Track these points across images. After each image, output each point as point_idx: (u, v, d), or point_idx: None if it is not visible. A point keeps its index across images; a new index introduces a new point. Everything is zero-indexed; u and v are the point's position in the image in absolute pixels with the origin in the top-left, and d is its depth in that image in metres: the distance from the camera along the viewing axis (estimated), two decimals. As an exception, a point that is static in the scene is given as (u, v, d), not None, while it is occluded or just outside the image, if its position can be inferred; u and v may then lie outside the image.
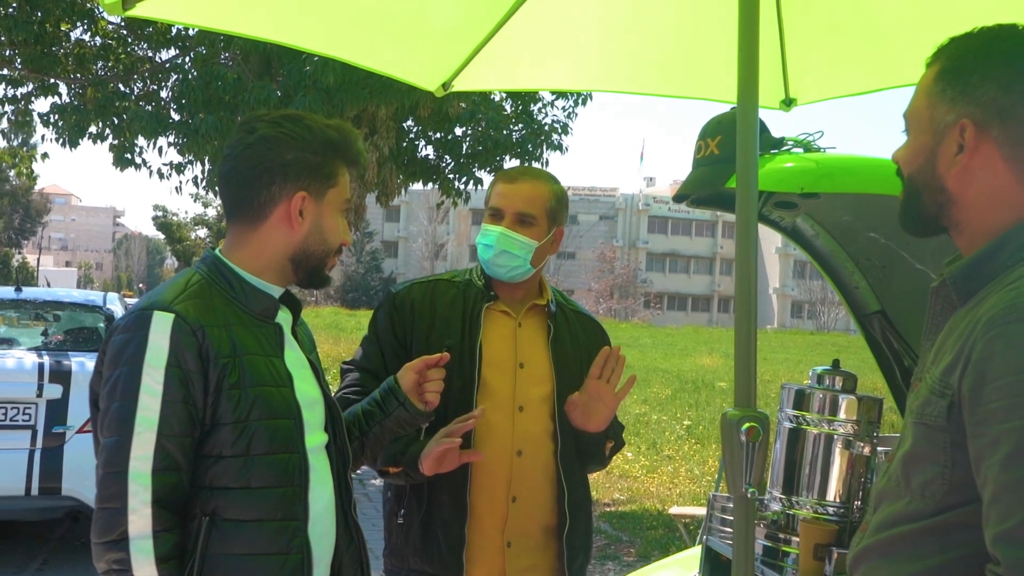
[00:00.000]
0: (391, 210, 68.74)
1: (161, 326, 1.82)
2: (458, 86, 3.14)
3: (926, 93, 1.68)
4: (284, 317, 2.06)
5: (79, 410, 6.06)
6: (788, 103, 3.24)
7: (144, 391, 1.79)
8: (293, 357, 2.03)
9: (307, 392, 2.02)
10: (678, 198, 2.77)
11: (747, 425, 2.05)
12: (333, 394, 2.21)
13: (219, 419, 1.85)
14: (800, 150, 2.72)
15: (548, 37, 3.08)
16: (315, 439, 2.01)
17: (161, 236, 71.11)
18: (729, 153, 2.39)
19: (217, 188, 2.13)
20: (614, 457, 2.82)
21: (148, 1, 2.18)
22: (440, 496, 2.51)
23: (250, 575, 1.85)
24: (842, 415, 2.78)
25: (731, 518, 2.56)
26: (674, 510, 7.47)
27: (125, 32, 10.68)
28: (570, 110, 10.79)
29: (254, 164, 1.97)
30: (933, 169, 1.66)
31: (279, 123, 1.99)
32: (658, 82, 3.31)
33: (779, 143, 2.70)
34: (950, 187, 1.65)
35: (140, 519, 1.75)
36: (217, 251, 2.04)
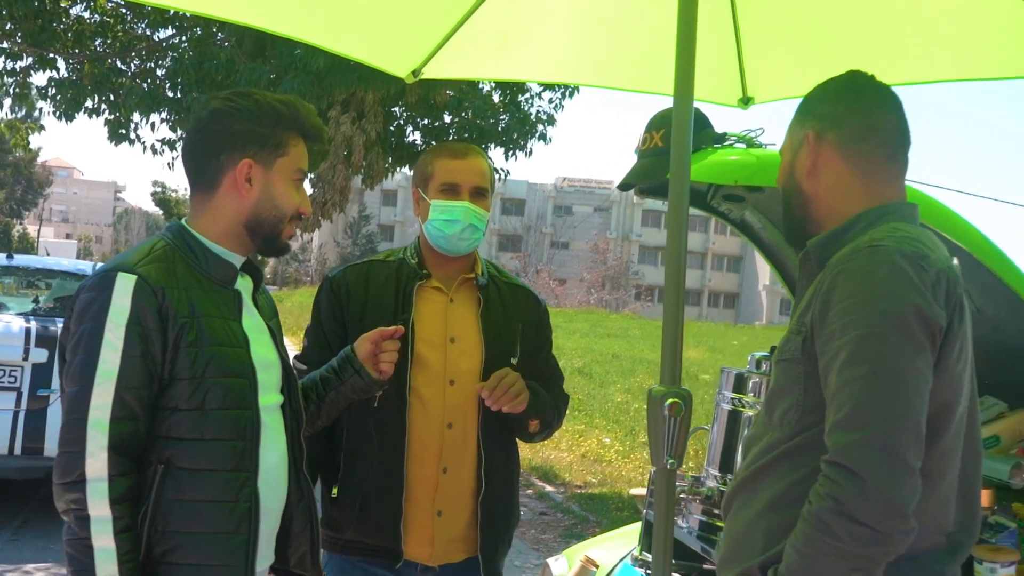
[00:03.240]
0: (388, 195, 68.65)
1: (124, 286, 1.95)
2: (428, 73, 3.22)
3: (788, 129, 2.04)
4: (244, 284, 2.19)
5: (65, 374, 6.17)
6: (746, 101, 3.38)
7: (106, 346, 1.92)
8: (251, 322, 2.16)
9: (263, 355, 2.15)
10: (623, 187, 2.89)
11: (670, 400, 2.16)
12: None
13: (176, 374, 1.98)
14: (743, 145, 2.83)
15: (516, 27, 3.15)
16: (269, 399, 2.14)
17: (160, 212, 70.93)
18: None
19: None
20: (591, 441, 2.88)
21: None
22: (375, 469, 2.59)
23: (201, 520, 1.98)
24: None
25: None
26: (633, 491, 7.61)
27: (124, 10, 10.75)
28: (557, 102, 10.91)
29: (205, 135, 2.13)
30: (794, 178, 2.01)
31: (230, 98, 2.15)
32: (618, 75, 3.40)
33: (721, 138, 2.81)
34: (806, 188, 1.98)
35: (97, 463, 1.88)
36: (183, 220, 2.19)
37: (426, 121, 11.27)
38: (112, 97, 10.51)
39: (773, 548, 1.75)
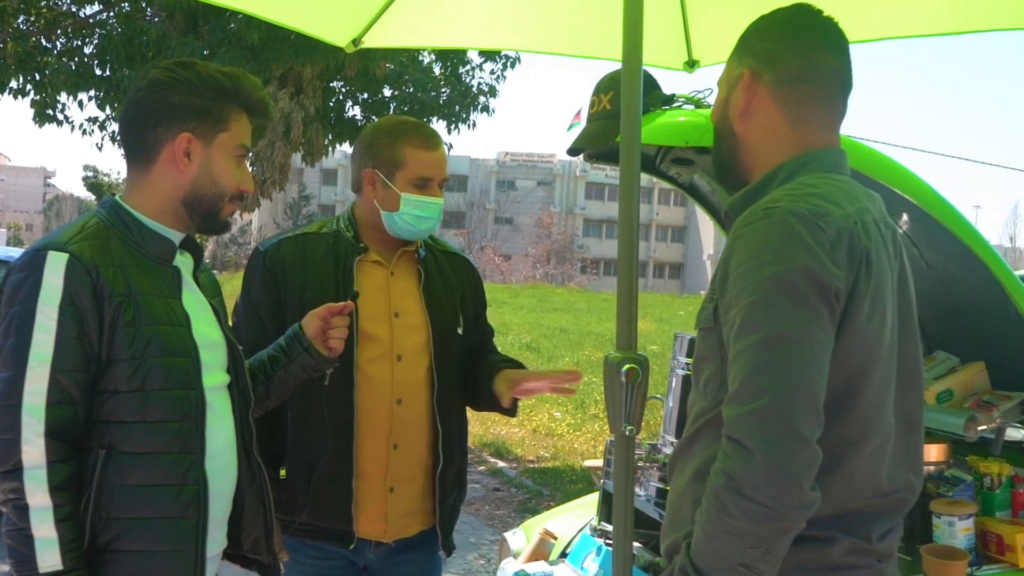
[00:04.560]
0: (328, 174, 67.96)
1: (55, 266, 1.87)
2: (368, 42, 3.15)
3: (727, 60, 1.94)
4: (183, 261, 2.11)
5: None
6: (691, 64, 3.35)
7: (38, 328, 1.84)
8: (192, 300, 2.08)
9: (206, 334, 2.07)
10: (572, 151, 2.85)
11: (627, 367, 2.14)
12: None
13: (114, 355, 1.90)
14: (691, 107, 2.81)
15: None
16: (214, 378, 2.07)
17: (92, 197, 69.44)
18: (620, 108, 2.48)
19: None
20: (541, 416, 2.88)
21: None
22: (323, 449, 2.53)
23: (146, 504, 1.92)
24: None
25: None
26: (588, 463, 7.65)
27: (47, -14, 10.45)
28: (499, 73, 10.84)
29: (143, 107, 2.04)
30: (726, 117, 1.92)
31: (170, 68, 2.06)
32: (561, 41, 3.37)
33: (670, 99, 2.79)
34: (737, 131, 1.90)
35: (33, 450, 1.80)
36: (117, 196, 2.10)
37: (366, 95, 11.11)
38: (38, 76, 10.19)
39: None
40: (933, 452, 2.80)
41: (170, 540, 1.93)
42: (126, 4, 9.61)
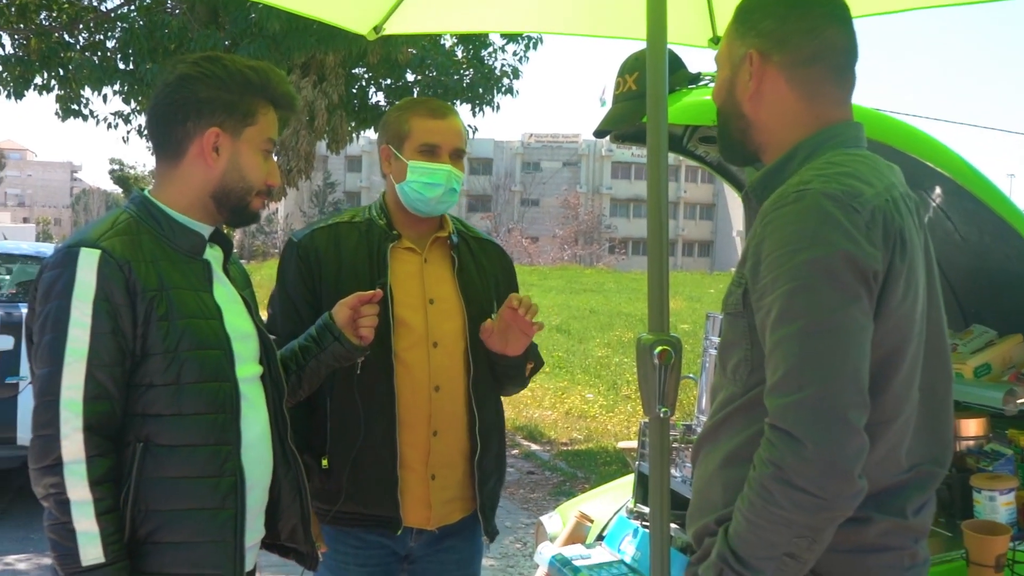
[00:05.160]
0: (353, 160, 68.12)
1: (88, 262, 1.88)
2: (390, 29, 3.14)
3: (726, 35, 1.90)
4: (213, 254, 2.12)
5: (32, 360, 6.07)
6: (717, 41, 3.31)
7: (73, 324, 1.85)
8: (223, 292, 2.09)
9: (238, 326, 2.08)
10: (598, 134, 2.83)
11: (660, 348, 2.14)
12: None
13: (149, 350, 1.92)
14: (718, 85, 2.77)
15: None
16: (247, 370, 2.08)
17: (119, 190, 70.00)
18: (646, 89, 2.46)
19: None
20: (574, 398, 2.87)
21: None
22: (366, 437, 2.54)
23: (184, 497, 1.93)
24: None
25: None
26: (622, 444, 7.65)
27: (69, -19, 10.51)
28: (521, 54, 10.78)
29: (171, 102, 2.04)
30: (733, 98, 1.88)
31: (197, 63, 2.06)
32: (584, 22, 3.34)
33: (696, 78, 2.76)
34: (747, 112, 1.86)
35: (73, 445, 1.82)
36: (146, 191, 2.11)
37: (388, 81, 11.09)
38: (62, 72, 10.25)
39: (730, 504, 1.68)
40: (972, 427, 2.78)
41: (209, 531, 1.95)
42: (148, -3, 9.64)
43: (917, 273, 1.68)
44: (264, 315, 2.35)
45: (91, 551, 1.82)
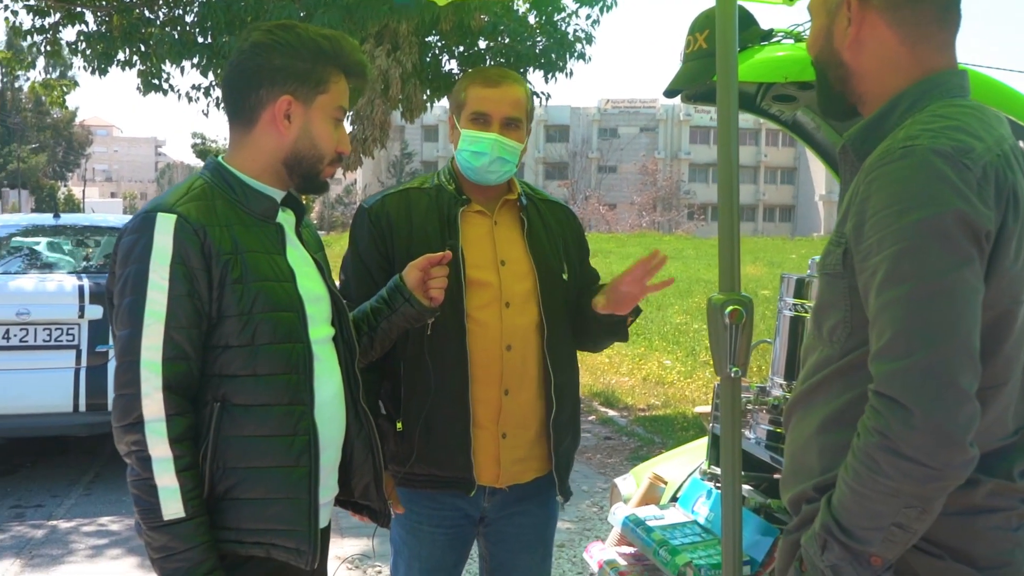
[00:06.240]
0: (429, 130, 68.46)
1: (165, 226, 1.93)
2: (459, -8, 3.16)
3: None
4: (286, 218, 2.16)
5: (121, 329, 6.28)
6: (791, -1, 3.23)
7: (151, 287, 1.90)
8: (296, 255, 2.13)
9: (311, 288, 2.12)
10: (668, 93, 2.79)
11: (730, 308, 2.13)
12: None
13: (224, 312, 1.96)
14: (791, 41, 2.71)
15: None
16: (320, 331, 2.12)
17: (201, 164, 71.54)
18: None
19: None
20: (651, 364, 2.85)
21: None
22: (438, 398, 2.57)
23: (260, 454, 1.98)
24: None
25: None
26: (699, 409, 7.60)
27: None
28: (595, 18, 10.65)
29: (244, 69, 2.08)
30: (831, 46, 1.79)
31: (271, 31, 2.08)
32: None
33: (768, 35, 2.69)
34: (847, 60, 1.77)
35: (153, 404, 1.88)
36: (220, 158, 2.15)
37: (461, 49, 11.07)
38: (143, 47, 10.46)
39: (829, 471, 1.65)
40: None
41: (284, 488, 1.99)
42: (224, -30, 9.75)
43: None
44: (337, 281, 2.38)
45: (172, 506, 1.87)
